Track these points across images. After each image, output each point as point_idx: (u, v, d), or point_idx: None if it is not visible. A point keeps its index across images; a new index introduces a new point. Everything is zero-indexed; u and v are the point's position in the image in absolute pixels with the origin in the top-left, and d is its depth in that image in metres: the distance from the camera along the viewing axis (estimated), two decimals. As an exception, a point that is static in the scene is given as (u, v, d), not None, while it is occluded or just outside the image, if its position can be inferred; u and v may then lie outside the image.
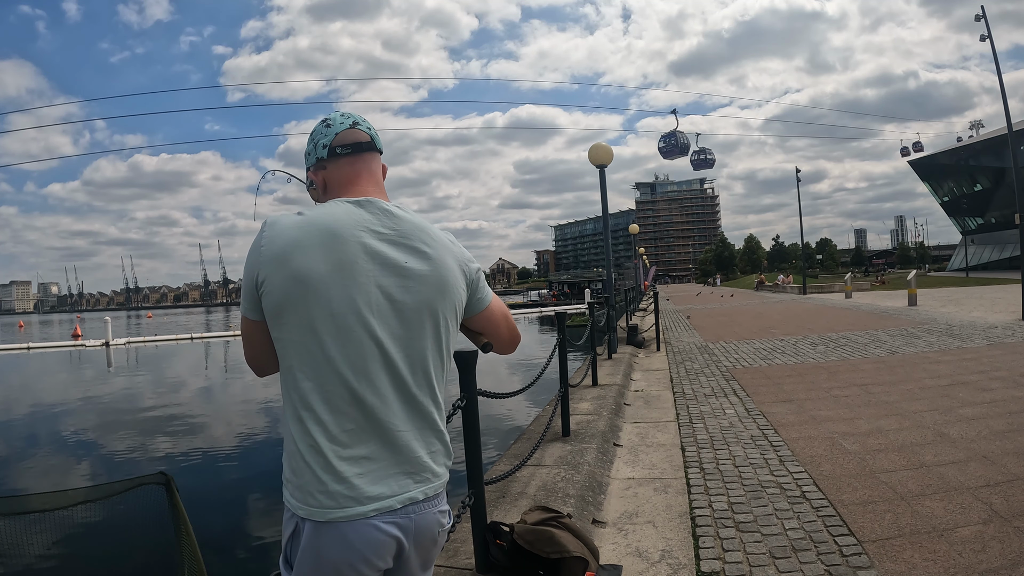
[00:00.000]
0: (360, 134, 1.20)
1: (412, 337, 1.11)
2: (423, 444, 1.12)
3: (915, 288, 17.77)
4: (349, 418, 1.06)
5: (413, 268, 1.11)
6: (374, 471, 1.06)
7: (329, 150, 1.19)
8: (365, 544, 1.05)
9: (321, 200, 1.21)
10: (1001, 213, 43.56)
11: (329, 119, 1.21)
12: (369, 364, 1.07)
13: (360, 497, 1.04)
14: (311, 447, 1.05)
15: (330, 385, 1.05)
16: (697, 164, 29.76)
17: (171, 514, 1.49)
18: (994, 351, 7.61)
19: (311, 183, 1.24)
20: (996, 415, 4.52)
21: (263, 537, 4.79)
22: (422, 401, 1.12)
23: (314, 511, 1.04)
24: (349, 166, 1.19)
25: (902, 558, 2.45)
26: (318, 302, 1.05)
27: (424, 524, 1.12)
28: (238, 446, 7.80)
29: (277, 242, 1.06)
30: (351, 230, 1.08)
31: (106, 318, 28.05)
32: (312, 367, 1.06)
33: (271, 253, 1.06)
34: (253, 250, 1.09)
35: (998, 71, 12.68)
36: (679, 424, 5.03)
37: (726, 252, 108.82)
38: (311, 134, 1.22)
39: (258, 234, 1.10)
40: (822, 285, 35.90)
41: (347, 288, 1.06)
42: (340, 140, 1.19)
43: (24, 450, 8.23)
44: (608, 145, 9.56)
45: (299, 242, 1.06)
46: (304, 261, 1.05)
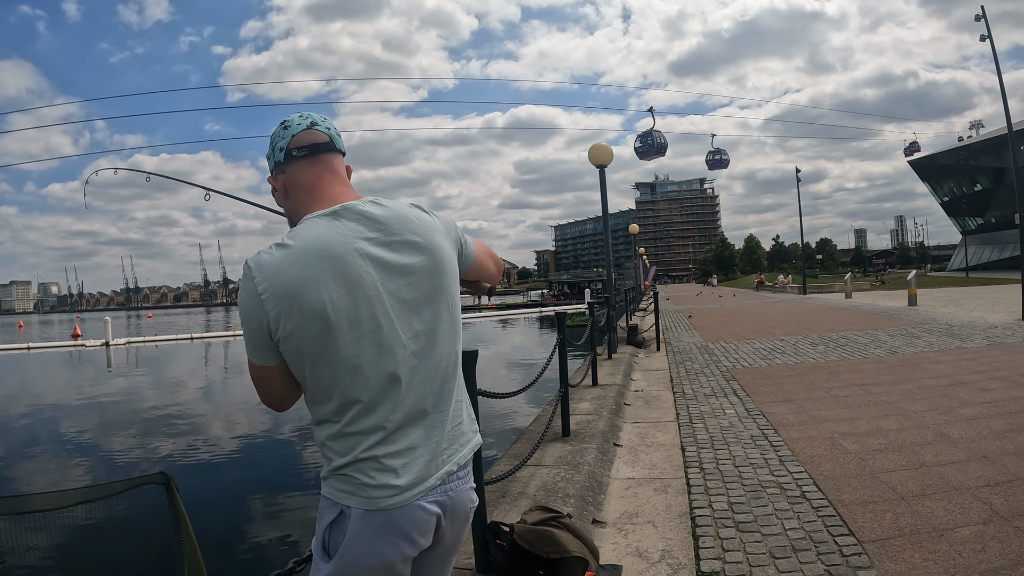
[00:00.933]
0: (317, 135, 1.16)
1: (433, 328, 1.14)
2: (452, 419, 1.17)
3: (915, 288, 17.77)
4: (390, 417, 1.08)
5: (412, 263, 1.11)
6: (417, 458, 1.11)
7: (286, 153, 1.15)
8: (411, 524, 1.10)
9: (283, 204, 1.20)
10: (1001, 213, 43.57)
11: (287, 121, 1.17)
12: (401, 366, 1.10)
13: (406, 485, 1.09)
14: (356, 458, 1.08)
15: (369, 396, 1.08)
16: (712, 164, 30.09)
17: (171, 514, 1.49)
18: (994, 351, 7.61)
19: (273, 189, 1.20)
20: (996, 415, 4.52)
21: (263, 537, 4.79)
22: (449, 381, 1.17)
23: (363, 501, 1.08)
24: (308, 168, 1.15)
25: (902, 558, 2.45)
26: (345, 329, 1.05)
27: (459, 501, 1.18)
28: (238, 446, 7.80)
29: (275, 281, 1.03)
30: (344, 246, 1.06)
31: (106, 318, 28.05)
32: (349, 386, 1.07)
33: (276, 297, 1.03)
34: (250, 299, 1.05)
35: (998, 71, 12.69)
36: (679, 424, 5.03)
37: (726, 252, 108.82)
38: (271, 137, 1.18)
39: (245, 280, 1.06)
40: (822, 285, 35.90)
41: (364, 306, 1.06)
42: (296, 142, 1.15)
43: (24, 450, 8.23)
44: (608, 145, 9.57)
45: (300, 278, 1.03)
46: (317, 295, 1.03)
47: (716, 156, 29.63)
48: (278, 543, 4.61)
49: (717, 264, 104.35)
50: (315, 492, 5.59)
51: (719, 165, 29.87)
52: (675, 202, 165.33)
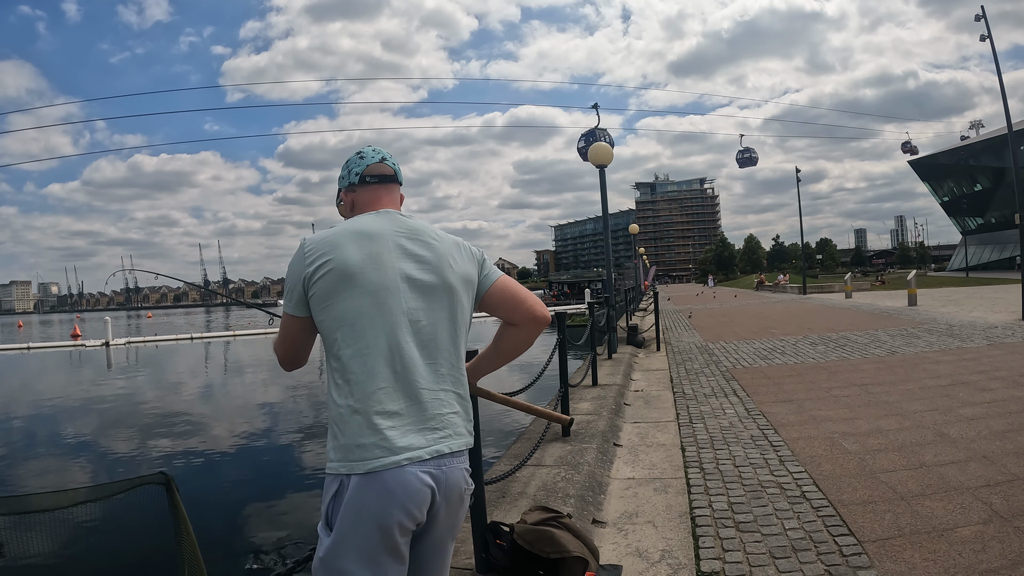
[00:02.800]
0: (386, 168, 1.49)
1: (432, 309, 1.34)
2: (445, 404, 1.32)
3: (915, 288, 17.77)
4: (382, 378, 1.26)
5: (425, 255, 1.36)
6: (404, 425, 1.25)
7: (360, 177, 1.47)
8: (403, 491, 1.21)
9: (348, 215, 1.49)
10: (1001, 213, 43.58)
11: (363, 152, 1.49)
12: (398, 332, 1.29)
13: (393, 447, 1.22)
14: (349, 407, 1.24)
15: (366, 351, 1.26)
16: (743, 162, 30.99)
17: (171, 514, 1.49)
18: (994, 351, 7.61)
19: (340, 200, 1.53)
20: (996, 415, 4.52)
21: (264, 537, 4.79)
22: (441, 364, 1.33)
23: (354, 464, 1.21)
24: (374, 192, 1.47)
25: (902, 558, 2.45)
26: (358, 284, 1.28)
27: (453, 479, 1.29)
28: (238, 446, 7.80)
29: (319, 248, 1.31)
30: (378, 230, 1.35)
31: (106, 318, 28.04)
32: (352, 337, 1.27)
33: (316, 256, 1.31)
34: (297, 259, 1.34)
35: (998, 71, 12.69)
36: (679, 424, 5.03)
37: (726, 252, 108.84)
38: (347, 162, 1.50)
39: (299, 250, 1.35)
40: (822, 285, 35.89)
41: (379, 273, 1.30)
42: (370, 171, 1.47)
43: (24, 450, 8.23)
44: (608, 145, 9.57)
45: (337, 243, 1.32)
46: (345, 255, 1.30)
47: (746, 154, 30.74)
48: (278, 543, 4.61)
49: (717, 264, 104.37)
50: (315, 492, 5.61)
51: (749, 163, 30.85)
52: (675, 202, 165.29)
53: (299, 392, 11.99)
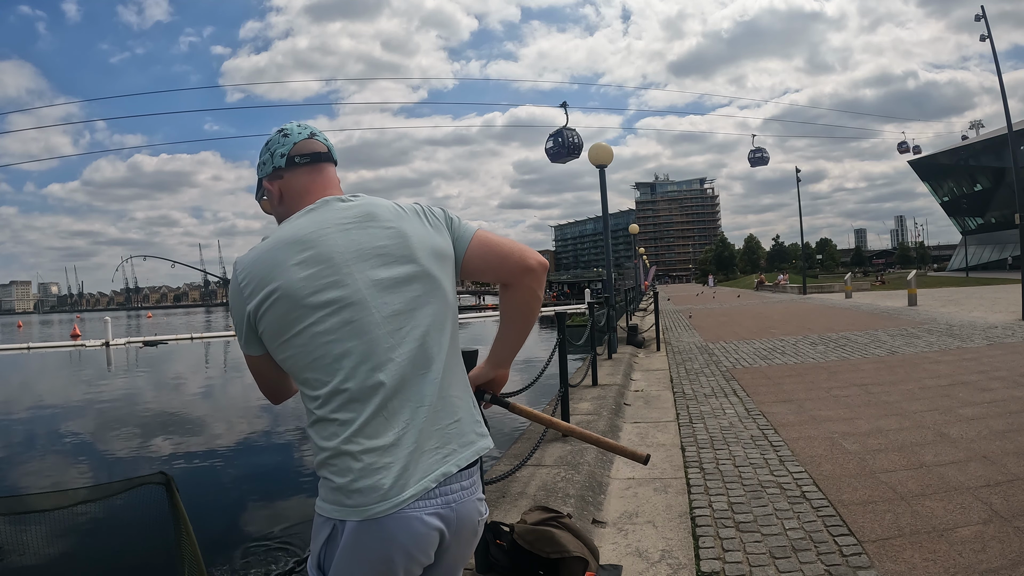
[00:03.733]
0: (318, 144, 1.22)
1: (412, 309, 1.10)
2: (444, 413, 1.10)
3: (915, 288, 17.77)
4: (370, 410, 1.04)
5: (386, 244, 1.11)
6: (403, 457, 1.03)
7: (287, 159, 1.19)
8: (408, 537, 1.03)
9: (276, 210, 1.23)
10: (1001, 213, 43.57)
11: (286, 129, 1.21)
12: (378, 351, 1.06)
13: (394, 487, 1.02)
14: (336, 449, 1.04)
15: (345, 384, 1.05)
16: (754, 162, 31.58)
17: (171, 514, 1.49)
18: (994, 351, 7.61)
19: (263, 193, 1.23)
20: (996, 415, 4.52)
21: (264, 537, 4.79)
22: (434, 369, 1.10)
23: (350, 511, 1.02)
24: (307, 175, 1.19)
25: (902, 558, 2.45)
26: (313, 308, 1.06)
27: (465, 513, 1.10)
28: (238, 446, 7.79)
29: (255, 272, 1.09)
30: (317, 231, 1.10)
31: (106, 318, 28.01)
32: (325, 370, 1.06)
33: (253, 285, 1.09)
34: (233, 291, 1.13)
35: (998, 71, 12.69)
36: (679, 424, 5.03)
37: (726, 252, 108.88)
38: (267, 144, 1.22)
39: (232, 278, 1.14)
40: (822, 285, 35.90)
41: (338, 288, 1.07)
42: (298, 150, 1.20)
43: (23, 450, 8.23)
44: (608, 145, 9.57)
45: (275, 263, 1.08)
46: (285, 276, 1.06)
47: (758, 154, 31.22)
48: (278, 543, 4.61)
49: (717, 264, 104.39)
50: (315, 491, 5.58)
51: (760, 162, 31.33)
52: (675, 202, 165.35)
53: (299, 392, 11.97)
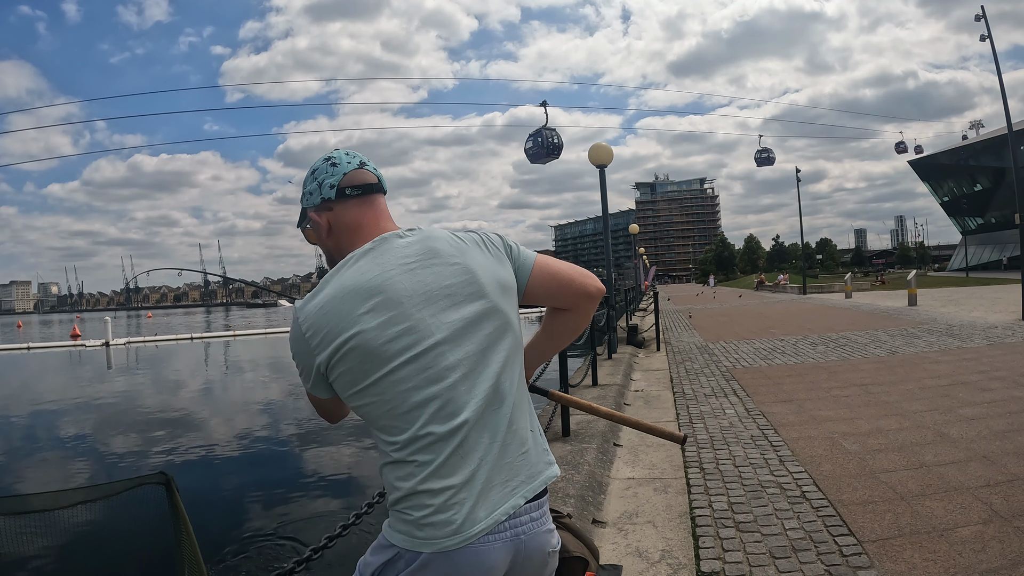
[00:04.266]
0: (368, 175, 1.16)
1: (484, 349, 1.08)
2: (514, 446, 1.09)
3: (915, 288, 17.77)
4: (448, 449, 1.03)
5: (453, 283, 1.08)
6: (476, 492, 1.04)
7: (337, 191, 1.13)
8: (475, 570, 1.03)
9: (324, 241, 1.17)
10: (1001, 213, 43.58)
11: (334, 158, 1.16)
12: (456, 392, 1.05)
13: (466, 521, 1.02)
14: (413, 489, 1.03)
15: (425, 427, 1.03)
16: (761, 162, 32.21)
17: (171, 514, 1.49)
18: (994, 351, 7.61)
19: (308, 223, 1.18)
20: (996, 415, 4.52)
21: (264, 537, 4.79)
22: (505, 405, 1.09)
23: (420, 543, 1.02)
24: (357, 208, 1.14)
25: (902, 558, 2.45)
26: (388, 358, 1.03)
27: (535, 546, 1.10)
28: (239, 446, 7.79)
29: (323, 324, 1.04)
30: (381, 274, 1.06)
31: (106, 318, 28.06)
32: (404, 419, 1.04)
33: (322, 337, 1.05)
34: (298, 341, 1.08)
35: (998, 71, 12.69)
36: (679, 424, 5.03)
37: (726, 252, 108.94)
38: (313, 172, 1.16)
39: (295, 327, 1.09)
40: (822, 285, 35.92)
41: (408, 332, 1.04)
42: (349, 180, 1.14)
43: (23, 450, 8.22)
44: (608, 145, 9.57)
45: (341, 312, 1.04)
46: (362, 329, 1.03)
47: (764, 154, 31.85)
48: (278, 543, 4.61)
49: (717, 264, 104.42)
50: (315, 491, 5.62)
51: (767, 162, 31.96)
52: (675, 202, 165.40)
53: (299, 391, 12.00)
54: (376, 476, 4.47)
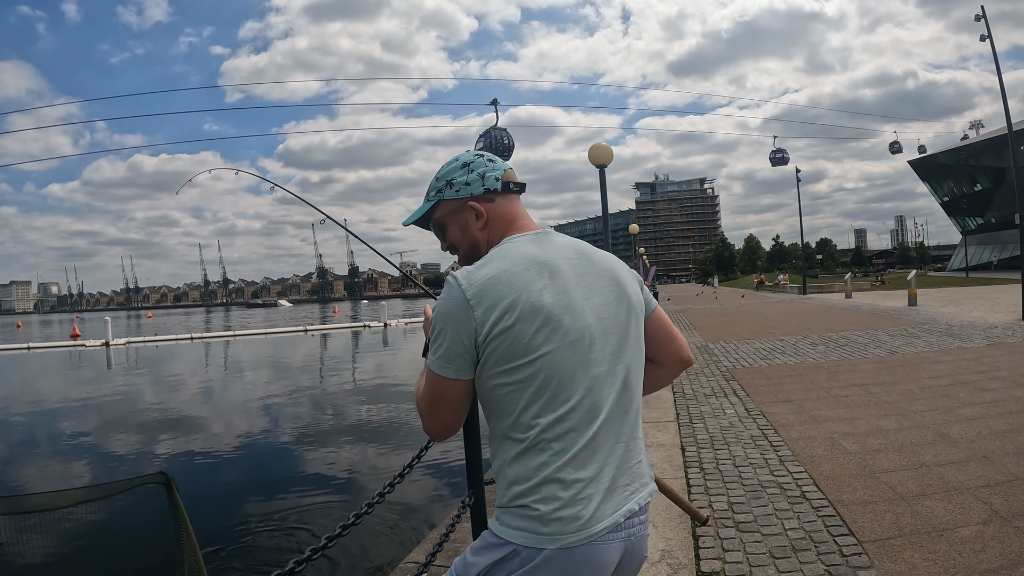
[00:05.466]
0: (516, 176, 1.23)
1: (623, 350, 1.12)
2: (634, 452, 1.13)
3: (915, 288, 17.77)
4: (583, 439, 1.04)
5: (603, 286, 1.13)
6: (602, 489, 1.06)
7: (503, 184, 1.18)
8: (591, 568, 1.04)
9: (474, 233, 1.18)
10: (1001, 213, 43.59)
11: (488, 156, 1.21)
12: (599, 384, 1.07)
13: (591, 518, 1.03)
14: (546, 477, 1.03)
15: (570, 413, 1.04)
16: (775, 162, 32.77)
17: (171, 513, 1.49)
18: (994, 351, 7.61)
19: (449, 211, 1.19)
20: (996, 415, 4.52)
21: (264, 537, 4.79)
22: (632, 409, 1.13)
23: (544, 539, 1.02)
24: (514, 203, 1.20)
25: (902, 558, 2.45)
26: (558, 335, 1.04)
27: (638, 548, 1.13)
28: (238, 446, 7.79)
29: (493, 290, 1.03)
30: (552, 260, 1.09)
31: (106, 318, 28.05)
32: (552, 401, 1.04)
33: (490, 303, 1.02)
34: (456, 305, 1.04)
35: (998, 71, 12.69)
36: (679, 424, 5.03)
37: (726, 252, 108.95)
38: (466, 165, 1.19)
39: (450, 289, 1.05)
40: (822, 285, 35.90)
41: (572, 316, 1.06)
42: (510, 177, 1.20)
43: (23, 450, 8.22)
44: (608, 145, 9.55)
45: (518, 281, 1.04)
46: (534, 295, 1.04)
47: (779, 154, 32.38)
48: (278, 542, 4.61)
49: (717, 264, 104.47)
50: (315, 491, 5.62)
51: (781, 162, 32.39)
52: (675, 202, 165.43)
53: (299, 392, 11.99)
54: (376, 476, 4.50)
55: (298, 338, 26.51)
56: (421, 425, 1.13)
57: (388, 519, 4.79)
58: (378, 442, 7.68)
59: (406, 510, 5.04)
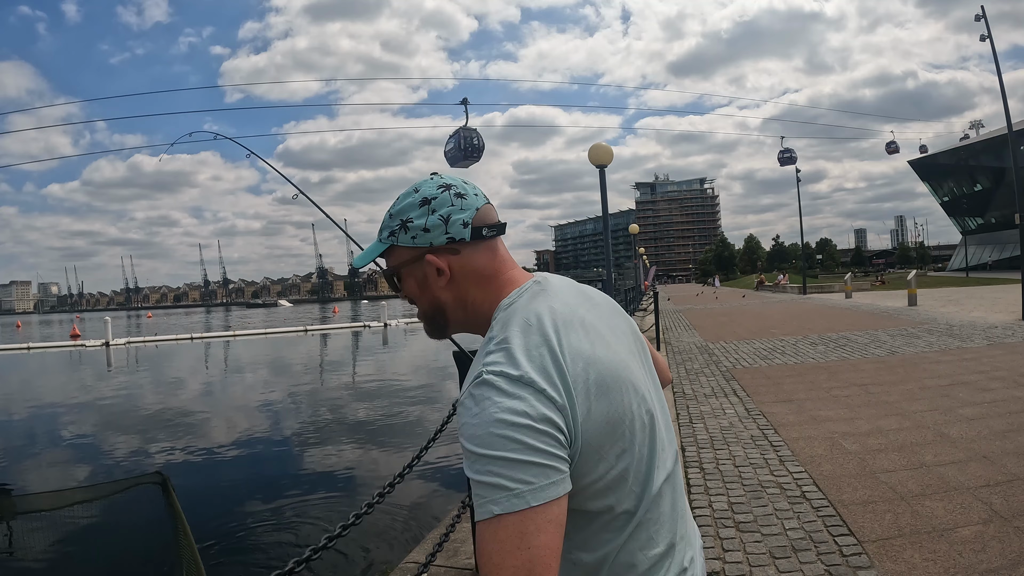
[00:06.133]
0: (494, 212, 0.91)
1: (659, 405, 0.90)
2: (685, 510, 0.93)
3: (915, 288, 17.77)
4: (660, 536, 0.84)
5: (620, 323, 0.94)
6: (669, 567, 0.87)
7: (472, 230, 0.87)
8: None
9: (432, 290, 0.89)
10: (1001, 213, 43.59)
11: (456, 187, 0.88)
12: (662, 443, 0.86)
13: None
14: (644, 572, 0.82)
15: (657, 491, 0.83)
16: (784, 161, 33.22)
17: (168, 513, 1.49)
18: (994, 351, 7.61)
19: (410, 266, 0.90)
20: (996, 415, 4.52)
21: (263, 537, 4.79)
22: (677, 465, 0.92)
23: None
24: (490, 251, 0.89)
25: (902, 558, 2.45)
26: (629, 402, 0.81)
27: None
28: (237, 445, 7.79)
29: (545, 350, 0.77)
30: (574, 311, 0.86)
31: (106, 318, 28.06)
32: (642, 485, 0.81)
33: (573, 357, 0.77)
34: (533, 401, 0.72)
35: (998, 71, 12.69)
36: (679, 424, 5.03)
37: (726, 252, 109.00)
38: (428, 201, 0.87)
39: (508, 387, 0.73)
40: (822, 285, 35.91)
41: (628, 376, 0.83)
42: (483, 218, 0.88)
43: (22, 449, 8.22)
44: (608, 145, 9.55)
45: (569, 347, 0.79)
46: (598, 350, 0.80)
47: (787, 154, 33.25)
48: (277, 543, 4.61)
49: (717, 264, 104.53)
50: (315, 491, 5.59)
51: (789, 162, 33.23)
52: (675, 202, 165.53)
53: (298, 391, 11.99)
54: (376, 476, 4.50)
55: (298, 338, 26.51)
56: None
57: (388, 519, 4.79)
58: (378, 442, 7.68)
59: (406, 510, 5.04)
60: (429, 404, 9.65)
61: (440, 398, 9.89)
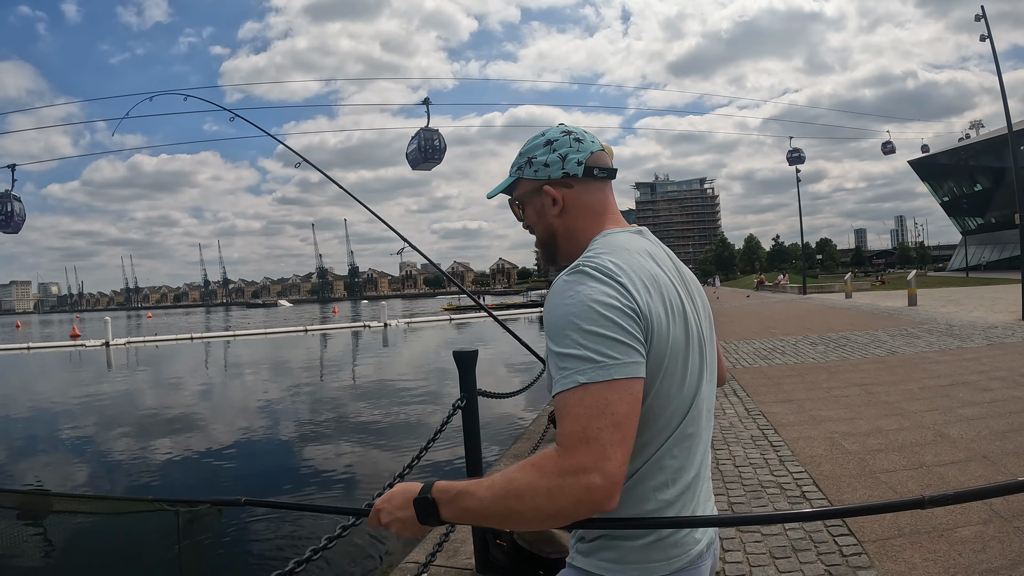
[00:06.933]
0: (608, 159, 1.05)
1: (709, 366, 0.98)
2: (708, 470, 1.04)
3: (915, 288, 17.77)
4: (691, 468, 0.94)
5: (692, 290, 1.00)
6: (702, 507, 0.98)
7: (585, 168, 1.00)
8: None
9: (550, 220, 1.03)
10: (1001, 213, 43.60)
11: (575, 133, 1.04)
12: (708, 392, 0.97)
13: (693, 541, 0.94)
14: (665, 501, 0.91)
15: (684, 441, 0.92)
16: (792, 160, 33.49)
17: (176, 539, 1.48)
18: (994, 351, 7.61)
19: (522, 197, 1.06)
20: (996, 415, 4.52)
21: (262, 537, 4.79)
22: (710, 429, 1.02)
23: (655, 566, 0.91)
24: (600, 192, 1.02)
25: (902, 558, 2.45)
26: (689, 331, 0.92)
27: (714, 563, 1.03)
28: (237, 445, 7.79)
29: (637, 276, 0.87)
30: (659, 259, 0.96)
31: (106, 318, 28.04)
32: (678, 409, 0.90)
33: (641, 289, 0.86)
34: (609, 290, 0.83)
35: (998, 71, 12.70)
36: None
37: (726, 252, 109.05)
38: (550, 143, 1.03)
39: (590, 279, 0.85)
40: (822, 285, 35.93)
41: (683, 323, 0.91)
42: (597, 160, 1.02)
43: (23, 449, 8.22)
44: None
45: (646, 276, 0.88)
46: (659, 295, 0.88)
47: (795, 154, 33.69)
48: (278, 543, 4.61)
49: (717, 264, 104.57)
50: (315, 490, 5.59)
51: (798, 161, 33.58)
52: (675, 202, 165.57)
53: (298, 391, 11.99)
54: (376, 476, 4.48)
55: (298, 338, 26.51)
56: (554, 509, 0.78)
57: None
58: (378, 442, 7.68)
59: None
60: (429, 404, 9.65)
61: (440, 398, 9.89)
